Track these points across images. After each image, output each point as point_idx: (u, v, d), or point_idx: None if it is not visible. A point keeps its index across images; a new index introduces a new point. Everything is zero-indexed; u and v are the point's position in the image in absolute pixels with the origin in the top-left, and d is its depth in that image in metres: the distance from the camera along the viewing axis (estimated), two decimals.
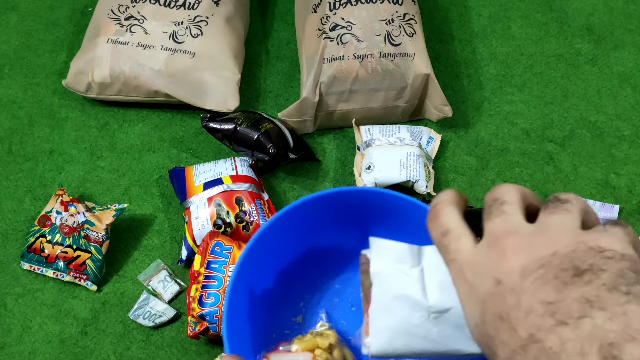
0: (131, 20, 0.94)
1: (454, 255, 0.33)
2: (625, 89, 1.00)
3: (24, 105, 0.99)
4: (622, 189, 0.89)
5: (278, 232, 0.65)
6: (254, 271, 0.65)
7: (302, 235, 0.68)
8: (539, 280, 0.28)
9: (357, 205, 0.67)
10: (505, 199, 0.33)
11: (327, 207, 0.67)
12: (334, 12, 0.92)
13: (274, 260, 0.68)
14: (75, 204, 0.83)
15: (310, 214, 0.67)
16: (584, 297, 0.27)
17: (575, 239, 0.29)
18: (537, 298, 0.28)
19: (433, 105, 0.92)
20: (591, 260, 0.28)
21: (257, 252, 0.64)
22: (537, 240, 0.30)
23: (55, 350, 0.77)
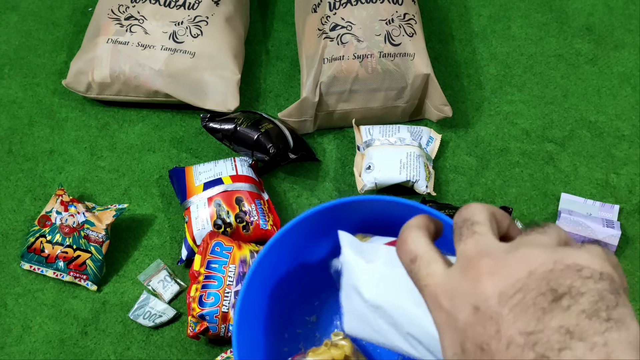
0: (131, 20, 0.94)
1: (425, 281, 0.32)
2: (625, 89, 1.00)
3: (24, 105, 0.99)
4: (622, 189, 0.89)
5: (299, 233, 0.65)
6: (271, 269, 0.64)
7: (322, 237, 0.68)
8: (517, 307, 0.27)
9: (380, 212, 0.67)
10: (475, 219, 0.32)
11: (350, 213, 0.66)
12: (334, 12, 0.92)
13: (291, 259, 0.67)
14: (75, 204, 0.83)
15: (332, 218, 0.66)
16: (563, 327, 0.26)
17: (552, 257, 0.28)
18: (516, 328, 0.27)
19: (433, 105, 0.92)
20: (569, 280, 0.27)
21: (275, 250, 0.64)
22: (512, 260, 0.29)
23: (55, 350, 0.77)
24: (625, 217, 0.86)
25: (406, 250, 0.33)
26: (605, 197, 0.88)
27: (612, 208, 0.85)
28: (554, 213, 0.87)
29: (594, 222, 0.82)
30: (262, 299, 0.65)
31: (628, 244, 0.84)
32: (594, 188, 0.89)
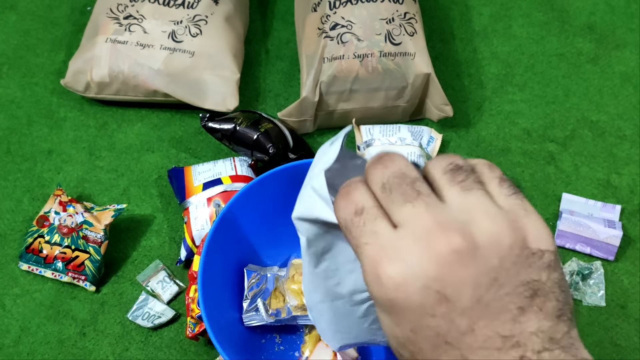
0: (130, 20, 0.94)
1: (367, 239, 0.27)
2: (626, 88, 0.99)
3: (22, 104, 0.99)
4: (624, 189, 0.89)
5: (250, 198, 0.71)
6: (228, 237, 0.70)
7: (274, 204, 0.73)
8: (493, 303, 0.25)
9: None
10: (411, 174, 0.28)
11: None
12: (334, 11, 0.92)
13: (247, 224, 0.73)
14: (73, 204, 0.82)
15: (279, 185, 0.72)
16: (540, 330, 0.25)
17: (514, 237, 0.26)
18: (494, 329, 0.25)
19: (434, 104, 0.91)
20: (537, 274, 0.26)
21: (229, 218, 0.69)
22: (478, 240, 0.26)
23: (53, 351, 0.76)
24: (626, 218, 0.86)
25: (351, 200, 0.28)
26: (607, 198, 0.88)
27: (614, 208, 0.85)
28: (555, 213, 0.86)
29: (595, 223, 0.81)
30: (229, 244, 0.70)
31: (630, 245, 0.83)
32: (596, 188, 0.89)
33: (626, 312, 0.78)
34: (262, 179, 0.71)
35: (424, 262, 0.25)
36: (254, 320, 0.71)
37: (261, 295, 0.71)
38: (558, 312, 0.26)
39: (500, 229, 0.26)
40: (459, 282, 0.25)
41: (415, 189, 0.27)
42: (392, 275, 0.26)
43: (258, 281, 0.72)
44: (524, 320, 0.25)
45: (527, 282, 0.26)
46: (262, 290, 0.72)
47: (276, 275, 0.73)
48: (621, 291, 0.80)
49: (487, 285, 0.25)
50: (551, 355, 0.25)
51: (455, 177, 0.28)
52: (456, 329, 0.26)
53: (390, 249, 0.26)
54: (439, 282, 0.25)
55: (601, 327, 0.77)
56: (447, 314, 0.25)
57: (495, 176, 0.29)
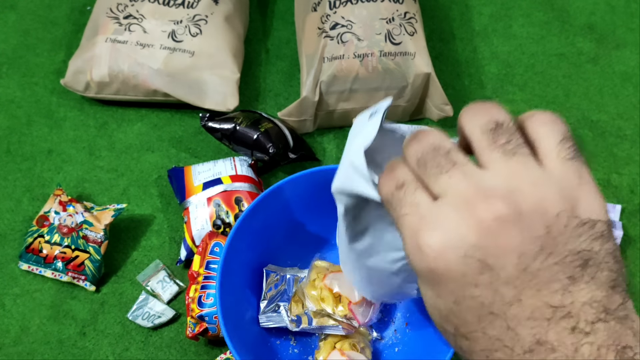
0: (130, 19, 0.94)
1: (407, 210, 0.27)
2: (627, 88, 0.99)
3: (22, 104, 0.99)
4: (624, 188, 0.89)
5: (268, 206, 0.70)
6: (245, 246, 0.69)
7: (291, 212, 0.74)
8: (541, 272, 0.24)
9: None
10: (447, 146, 0.28)
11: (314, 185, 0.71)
12: (334, 10, 0.92)
13: (264, 233, 0.72)
14: (73, 204, 0.82)
15: (297, 191, 0.72)
16: (594, 300, 0.24)
17: (562, 206, 0.25)
18: (543, 299, 0.24)
19: (434, 104, 0.91)
20: (588, 244, 0.25)
21: (247, 225, 0.69)
22: (523, 207, 0.25)
23: (53, 351, 0.76)
24: (627, 217, 0.86)
25: (393, 177, 0.29)
26: (607, 197, 0.88)
27: (614, 208, 0.85)
28: None
29: None
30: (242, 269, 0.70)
31: (630, 245, 0.83)
32: None
33: None
34: (288, 181, 0.71)
35: (463, 230, 0.25)
36: (271, 322, 0.70)
37: (279, 297, 0.70)
38: (612, 283, 0.25)
39: (546, 197, 0.25)
40: (502, 251, 0.24)
41: (450, 159, 0.27)
42: (431, 244, 0.25)
43: (277, 282, 0.71)
44: (575, 290, 0.24)
45: (578, 251, 0.25)
46: (280, 292, 0.71)
47: (296, 277, 0.73)
48: None
49: (534, 254, 0.24)
50: (606, 326, 0.24)
51: (496, 139, 0.27)
52: (501, 299, 0.25)
53: (430, 219, 0.26)
54: (480, 250, 0.25)
55: None
56: (491, 283, 0.25)
57: (557, 133, 0.27)
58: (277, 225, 0.73)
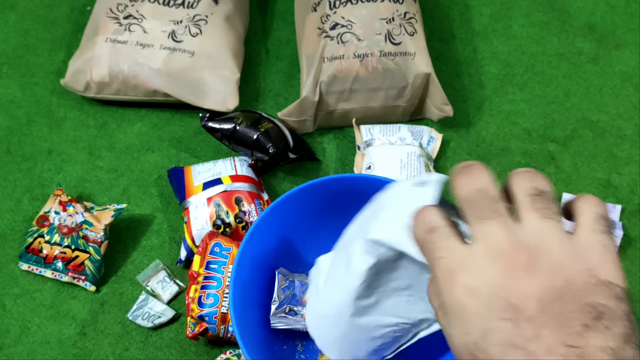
0: (130, 19, 0.94)
1: (441, 254, 0.31)
2: (627, 88, 0.99)
3: (22, 104, 0.99)
4: (624, 189, 0.89)
5: (282, 212, 0.69)
6: (261, 244, 0.68)
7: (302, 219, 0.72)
8: (559, 317, 0.27)
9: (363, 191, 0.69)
10: (492, 193, 0.31)
11: (326, 194, 0.70)
12: (334, 10, 0.92)
13: (281, 234, 0.71)
14: (73, 204, 0.82)
15: (310, 199, 0.70)
16: (607, 347, 0.27)
17: (584, 266, 0.29)
18: (559, 338, 0.27)
19: (434, 104, 0.91)
20: (605, 300, 0.28)
21: (258, 235, 0.67)
22: (547, 262, 0.29)
23: (53, 351, 0.76)
24: (627, 218, 0.86)
25: (424, 221, 0.33)
26: (607, 197, 0.88)
27: (614, 208, 0.85)
28: None
29: None
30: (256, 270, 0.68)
31: (630, 245, 0.83)
32: (596, 188, 0.89)
33: None
34: (305, 187, 0.69)
35: (493, 273, 0.29)
36: (281, 323, 0.69)
37: (289, 300, 0.70)
38: (625, 337, 0.27)
39: (569, 256, 0.29)
40: (524, 294, 0.28)
41: (493, 209, 0.30)
42: (465, 282, 0.29)
43: (287, 285, 0.71)
44: (590, 336, 0.27)
45: (594, 304, 0.28)
46: (288, 297, 0.70)
47: (304, 283, 0.72)
48: None
49: (551, 300, 0.28)
50: None
51: (537, 203, 0.31)
52: (522, 333, 0.27)
53: (465, 261, 0.30)
54: (506, 290, 0.28)
55: None
56: (514, 318, 0.28)
57: (596, 213, 0.32)
58: (293, 230, 0.72)
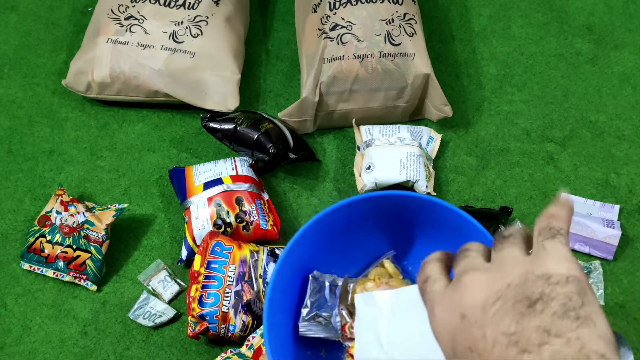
0: (131, 20, 0.94)
1: (428, 296, 0.38)
2: (625, 88, 1.00)
3: (23, 105, 0.99)
4: (623, 188, 0.89)
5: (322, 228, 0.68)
6: (299, 258, 0.67)
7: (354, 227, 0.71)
8: (499, 312, 0.32)
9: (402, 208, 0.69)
10: (468, 247, 0.39)
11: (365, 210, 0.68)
12: (334, 11, 0.92)
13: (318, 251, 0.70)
14: (75, 203, 0.82)
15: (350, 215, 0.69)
16: (541, 327, 0.31)
17: (524, 269, 0.34)
18: (499, 330, 0.32)
19: (433, 105, 0.92)
20: (540, 289, 0.32)
21: (297, 249, 0.66)
22: (493, 275, 0.34)
23: (55, 350, 0.77)
24: (625, 217, 0.86)
25: (422, 274, 0.40)
26: (606, 197, 0.88)
27: (613, 208, 0.85)
28: None
29: (594, 222, 0.82)
30: (290, 288, 0.67)
31: (628, 244, 0.84)
32: (594, 188, 0.89)
33: (625, 311, 0.79)
34: (360, 200, 0.67)
35: (455, 297, 0.35)
36: (310, 331, 0.67)
37: (317, 306, 0.68)
38: (561, 314, 0.31)
39: (510, 268, 0.35)
40: (471, 304, 0.34)
41: (464, 254, 0.38)
42: (437, 313, 0.36)
43: (317, 289, 0.68)
44: (525, 321, 0.31)
45: (529, 295, 0.32)
46: (318, 300, 0.68)
47: (334, 284, 0.69)
48: (620, 291, 0.80)
49: (492, 302, 0.33)
50: (551, 348, 0.30)
51: (496, 243, 0.38)
52: (473, 337, 0.33)
53: (441, 297, 0.37)
54: (461, 307, 0.34)
55: None
56: (467, 327, 0.33)
57: (540, 225, 0.37)
58: (336, 237, 0.70)
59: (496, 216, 0.81)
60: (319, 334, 0.67)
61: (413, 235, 0.73)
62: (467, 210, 0.81)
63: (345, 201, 0.67)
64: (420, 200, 0.67)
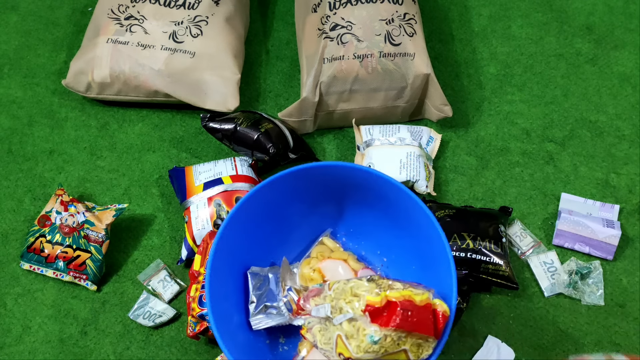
0: (131, 20, 0.94)
1: None
2: (625, 88, 1.00)
3: (23, 105, 0.99)
4: (622, 188, 0.89)
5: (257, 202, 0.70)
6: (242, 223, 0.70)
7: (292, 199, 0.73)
8: None
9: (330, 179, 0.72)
10: None
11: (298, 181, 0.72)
12: (334, 11, 0.92)
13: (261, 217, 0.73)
14: (75, 203, 0.83)
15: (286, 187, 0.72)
16: None
17: None
18: None
19: (433, 105, 0.92)
20: None
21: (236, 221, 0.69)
22: None
23: (54, 350, 0.77)
24: (625, 217, 0.86)
25: None
26: (606, 197, 0.88)
27: (612, 208, 0.85)
28: (554, 213, 0.87)
29: (594, 222, 0.82)
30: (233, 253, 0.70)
31: (628, 244, 0.84)
32: (594, 188, 0.89)
33: (625, 311, 0.79)
34: (270, 182, 0.70)
35: None
36: (262, 322, 0.70)
37: (266, 298, 0.70)
38: None
39: None
40: None
41: None
42: None
43: (261, 283, 0.72)
44: None
45: None
46: (264, 294, 0.71)
47: (278, 276, 0.72)
48: (620, 290, 0.80)
49: None
50: None
51: None
52: None
53: None
54: None
55: (600, 326, 0.77)
56: None
57: None
58: (263, 226, 0.73)
59: (496, 216, 0.81)
60: (271, 323, 0.70)
61: (343, 209, 0.76)
62: (467, 210, 0.81)
63: (265, 182, 0.69)
64: (342, 169, 0.69)
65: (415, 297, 0.58)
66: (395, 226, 0.73)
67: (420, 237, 0.69)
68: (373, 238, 0.77)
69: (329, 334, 0.63)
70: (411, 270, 0.73)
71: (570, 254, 0.83)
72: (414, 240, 0.71)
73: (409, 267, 0.74)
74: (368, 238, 0.78)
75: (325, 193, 0.74)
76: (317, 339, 0.64)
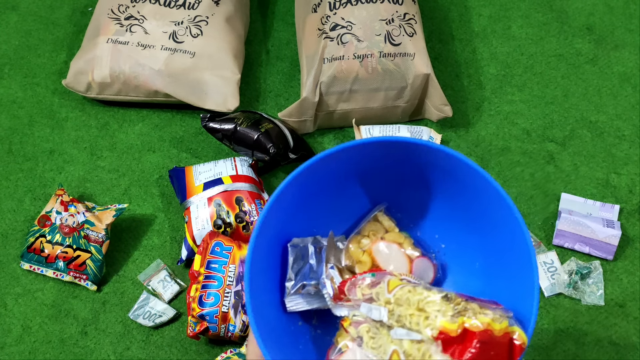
0: (131, 20, 0.94)
1: None
2: (625, 88, 1.00)
3: (24, 105, 0.99)
4: (623, 188, 0.89)
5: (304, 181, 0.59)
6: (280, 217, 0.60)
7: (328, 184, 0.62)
8: None
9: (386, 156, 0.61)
10: None
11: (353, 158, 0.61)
12: (334, 12, 0.92)
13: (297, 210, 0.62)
14: (75, 203, 0.83)
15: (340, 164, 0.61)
16: None
17: None
18: None
19: (433, 105, 0.92)
20: None
21: (285, 197, 0.59)
22: None
23: (55, 350, 0.77)
24: (625, 217, 0.86)
25: None
26: (606, 197, 0.88)
27: (613, 208, 0.85)
28: (554, 213, 0.87)
29: (594, 222, 0.82)
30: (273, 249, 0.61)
31: (628, 244, 0.84)
32: (595, 188, 0.89)
33: (625, 311, 0.79)
34: (331, 153, 0.58)
35: None
36: (298, 305, 0.61)
37: (303, 277, 0.61)
38: None
39: None
40: None
41: None
42: None
43: (301, 257, 0.63)
44: None
45: None
46: (303, 270, 0.62)
47: (317, 247, 0.62)
48: (620, 290, 0.80)
49: None
50: None
51: None
52: None
53: None
54: None
55: (600, 326, 0.77)
56: None
57: None
58: (312, 198, 0.63)
59: None
60: (309, 306, 0.61)
61: (404, 184, 0.64)
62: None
63: (324, 153, 0.57)
64: (414, 146, 0.57)
65: (494, 326, 0.50)
66: (462, 216, 0.62)
67: (495, 235, 0.58)
68: (432, 219, 0.66)
69: (381, 341, 0.56)
70: (474, 269, 0.63)
71: (571, 254, 0.83)
72: (482, 236, 0.60)
73: (472, 263, 0.63)
74: (426, 218, 0.66)
75: (387, 167, 0.63)
76: (363, 339, 0.56)
